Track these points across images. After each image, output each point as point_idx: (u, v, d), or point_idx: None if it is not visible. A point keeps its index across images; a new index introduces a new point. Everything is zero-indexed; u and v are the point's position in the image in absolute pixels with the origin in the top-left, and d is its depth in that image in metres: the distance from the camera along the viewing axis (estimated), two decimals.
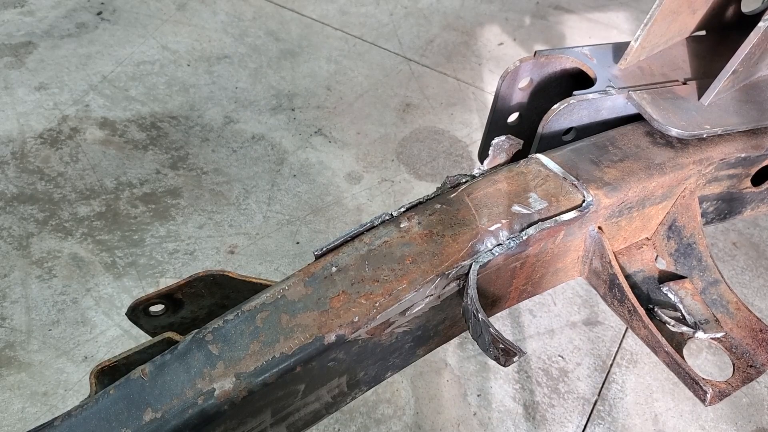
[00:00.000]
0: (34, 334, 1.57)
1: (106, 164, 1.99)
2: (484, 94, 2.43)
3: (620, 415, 1.55)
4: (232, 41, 2.54)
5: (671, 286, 0.89)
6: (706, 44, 1.08)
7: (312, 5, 2.78)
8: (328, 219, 1.92)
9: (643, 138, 0.92)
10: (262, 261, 1.78)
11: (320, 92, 2.36)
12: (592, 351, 1.66)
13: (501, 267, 0.78)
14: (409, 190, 2.03)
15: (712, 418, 1.55)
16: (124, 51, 2.42)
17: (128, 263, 1.73)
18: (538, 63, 0.98)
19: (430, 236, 0.75)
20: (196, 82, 2.33)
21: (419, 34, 2.70)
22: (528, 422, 1.52)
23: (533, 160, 0.85)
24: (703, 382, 0.76)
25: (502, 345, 0.70)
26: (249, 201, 1.94)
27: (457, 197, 0.79)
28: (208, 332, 0.69)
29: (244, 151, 2.09)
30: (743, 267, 1.88)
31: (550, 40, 2.75)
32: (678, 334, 0.85)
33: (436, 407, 1.53)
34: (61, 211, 1.84)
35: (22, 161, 1.96)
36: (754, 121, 0.94)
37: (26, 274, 1.68)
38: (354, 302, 0.70)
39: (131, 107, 2.20)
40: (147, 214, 1.86)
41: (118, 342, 1.57)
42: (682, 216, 0.92)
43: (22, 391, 1.47)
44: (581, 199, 0.80)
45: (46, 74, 2.28)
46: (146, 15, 2.62)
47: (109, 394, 0.66)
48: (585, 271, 0.90)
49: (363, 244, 0.75)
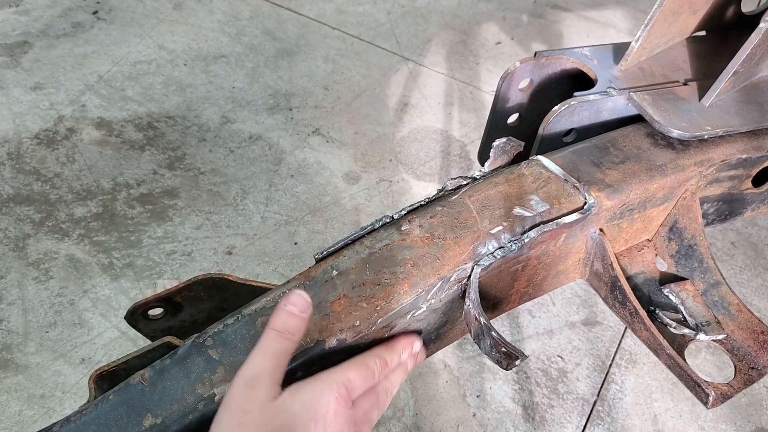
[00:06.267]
0: (31, 336, 1.56)
1: (102, 165, 1.98)
2: (482, 93, 2.42)
3: (619, 415, 1.55)
4: (228, 41, 2.53)
5: (672, 288, 0.89)
6: (707, 45, 1.08)
7: (309, 4, 2.78)
8: (326, 219, 1.91)
9: (644, 139, 0.92)
10: (260, 262, 1.78)
11: (318, 92, 2.35)
12: (591, 351, 1.66)
13: (502, 270, 0.78)
14: (407, 190, 2.02)
15: (711, 418, 1.56)
16: (120, 51, 2.41)
17: (125, 264, 1.73)
18: (538, 64, 0.98)
19: (432, 239, 0.74)
20: (193, 82, 2.32)
21: (417, 33, 2.69)
22: (527, 423, 1.52)
23: (534, 162, 0.85)
24: (706, 385, 0.75)
25: (504, 348, 0.69)
26: (247, 201, 1.93)
27: (458, 200, 0.79)
28: (208, 337, 0.68)
29: (241, 151, 2.09)
30: (742, 266, 1.89)
31: (548, 39, 2.74)
32: (679, 336, 0.84)
33: (435, 408, 1.53)
34: (57, 212, 1.83)
35: (18, 162, 1.95)
36: (755, 122, 0.94)
37: (23, 276, 1.67)
38: (355, 306, 0.69)
39: (128, 107, 2.19)
40: (144, 215, 1.85)
41: (116, 344, 1.56)
42: (684, 217, 0.91)
43: (20, 393, 1.46)
44: (583, 202, 0.79)
45: (42, 74, 2.26)
46: (142, 14, 2.60)
47: (108, 400, 0.65)
48: (586, 273, 0.90)
49: (364, 247, 0.74)
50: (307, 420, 0.59)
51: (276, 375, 0.60)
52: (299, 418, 0.59)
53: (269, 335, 0.61)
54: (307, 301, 0.63)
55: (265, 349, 0.61)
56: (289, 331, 0.61)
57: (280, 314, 0.62)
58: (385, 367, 0.70)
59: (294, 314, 0.62)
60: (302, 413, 0.59)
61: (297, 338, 0.62)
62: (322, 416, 0.60)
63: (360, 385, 0.65)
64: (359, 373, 0.66)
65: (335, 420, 0.61)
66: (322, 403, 0.61)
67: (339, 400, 0.62)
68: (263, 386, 0.59)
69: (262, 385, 0.59)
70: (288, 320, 0.61)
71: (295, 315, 0.62)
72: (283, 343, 0.61)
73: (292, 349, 0.62)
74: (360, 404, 0.65)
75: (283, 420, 0.58)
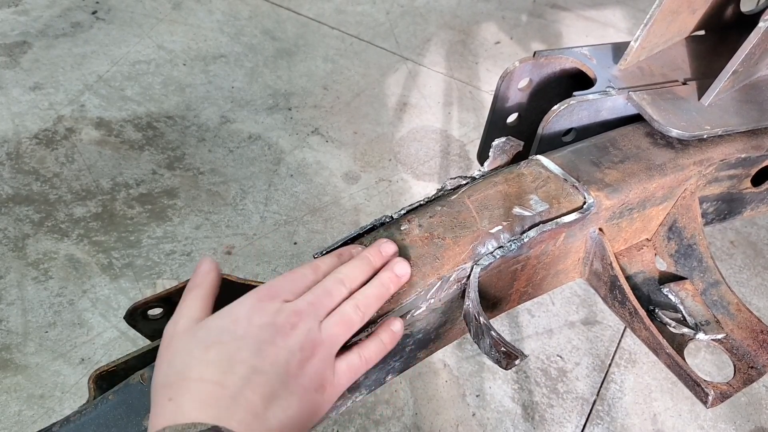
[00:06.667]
0: (30, 336, 1.56)
1: (102, 165, 1.98)
2: (481, 93, 2.42)
3: (619, 414, 1.55)
4: (228, 40, 2.53)
5: (672, 288, 0.89)
6: (706, 44, 1.08)
7: (308, 4, 2.78)
8: (325, 219, 1.91)
9: (643, 139, 0.92)
10: (259, 262, 1.78)
11: (317, 91, 2.35)
12: (591, 351, 1.66)
13: (502, 269, 0.78)
14: (406, 190, 2.02)
15: (710, 417, 1.56)
16: (119, 50, 2.41)
17: (125, 264, 1.72)
18: (537, 63, 0.98)
19: (431, 239, 0.74)
20: (192, 82, 2.32)
21: (416, 33, 2.69)
22: (527, 422, 1.52)
23: (534, 162, 0.85)
24: (705, 384, 0.75)
25: (503, 348, 0.69)
26: (246, 201, 1.93)
27: (457, 199, 0.79)
28: None
29: (240, 151, 2.09)
30: (741, 266, 1.89)
31: (547, 39, 2.74)
32: (679, 336, 0.85)
33: (434, 408, 1.53)
34: (57, 212, 1.83)
35: (17, 162, 1.95)
36: (754, 122, 0.94)
37: (22, 276, 1.67)
38: None
39: (127, 107, 2.19)
40: (143, 215, 1.85)
41: (116, 344, 1.56)
42: (683, 217, 0.91)
43: (19, 393, 1.46)
44: (582, 201, 0.80)
45: (41, 74, 2.26)
46: (141, 14, 2.60)
47: (108, 400, 0.65)
48: (586, 272, 0.90)
49: (363, 247, 0.74)
50: (222, 329, 0.56)
51: (193, 313, 0.60)
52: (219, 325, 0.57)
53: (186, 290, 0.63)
54: (211, 262, 0.65)
55: (183, 302, 0.62)
56: (199, 279, 0.63)
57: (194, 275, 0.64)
58: (318, 271, 0.63)
59: (201, 268, 0.64)
60: (220, 325, 0.56)
61: (208, 282, 0.63)
62: (236, 318, 0.56)
63: (285, 288, 0.59)
64: (283, 278, 0.61)
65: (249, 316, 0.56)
66: (240, 305, 0.58)
67: (258, 295, 0.58)
68: (183, 318, 0.59)
69: (182, 317, 0.59)
70: (198, 271, 0.64)
71: (202, 269, 0.64)
72: (196, 290, 0.62)
73: (205, 291, 0.62)
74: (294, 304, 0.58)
75: (203, 334, 0.56)
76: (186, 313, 0.59)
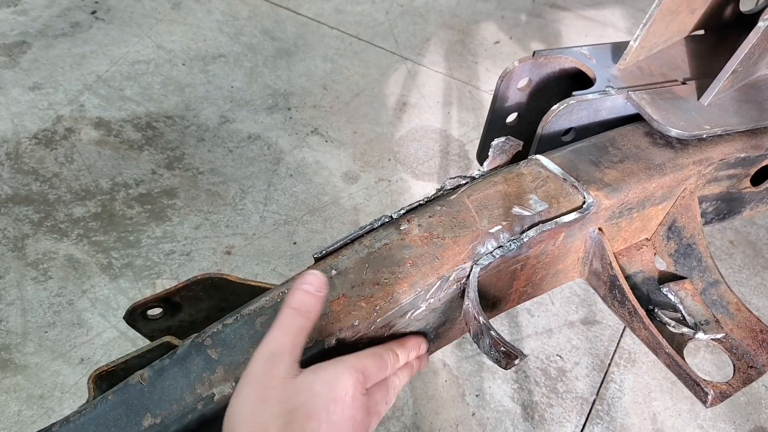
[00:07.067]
0: (29, 336, 1.56)
1: (101, 164, 1.97)
2: (481, 92, 2.42)
3: (619, 414, 1.55)
4: (227, 40, 2.53)
5: (671, 287, 0.89)
6: (705, 44, 1.08)
7: (307, 4, 2.77)
8: (325, 219, 1.91)
9: (642, 138, 0.92)
10: (259, 261, 1.78)
11: (316, 91, 2.35)
12: (591, 350, 1.66)
13: (501, 269, 0.78)
14: (406, 190, 2.02)
15: (710, 417, 1.56)
16: (118, 50, 2.41)
17: (124, 264, 1.72)
18: (536, 63, 0.98)
19: (431, 239, 0.74)
20: (192, 82, 2.32)
21: (415, 33, 2.69)
22: (526, 422, 1.52)
23: (533, 162, 0.85)
24: (705, 384, 0.75)
25: (503, 348, 0.69)
26: (246, 201, 1.93)
27: (457, 199, 0.79)
28: (207, 336, 0.68)
29: (240, 151, 2.08)
30: (740, 265, 1.89)
31: (546, 39, 2.74)
32: (678, 335, 0.85)
33: (434, 407, 1.53)
34: (56, 212, 1.83)
35: (16, 162, 1.95)
36: (753, 121, 0.94)
37: (21, 276, 1.67)
38: (354, 306, 0.69)
39: (126, 107, 2.18)
40: (143, 215, 1.85)
41: (115, 344, 1.56)
42: (682, 216, 0.92)
43: (18, 394, 1.46)
44: (582, 201, 0.80)
45: (41, 74, 2.26)
46: (141, 14, 2.60)
47: (107, 400, 0.65)
48: (585, 272, 0.90)
49: (363, 246, 0.74)
50: (326, 400, 0.59)
51: (295, 352, 0.60)
52: (319, 397, 0.59)
53: (286, 313, 0.61)
54: (322, 281, 0.63)
55: (283, 327, 0.61)
56: (306, 309, 0.62)
57: (297, 293, 0.62)
58: (397, 361, 0.70)
59: (310, 293, 0.62)
60: (322, 393, 0.59)
61: (313, 317, 0.62)
62: (341, 398, 0.60)
63: (374, 375, 0.66)
64: (375, 362, 0.66)
65: (352, 404, 0.61)
66: (341, 385, 0.61)
67: (357, 385, 0.62)
68: (284, 363, 0.59)
69: (283, 361, 0.59)
70: (304, 299, 0.62)
71: (311, 294, 0.62)
72: (300, 320, 0.61)
73: (308, 328, 0.62)
74: (372, 394, 0.66)
75: (305, 398, 0.58)
76: (285, 354, 0.60)
